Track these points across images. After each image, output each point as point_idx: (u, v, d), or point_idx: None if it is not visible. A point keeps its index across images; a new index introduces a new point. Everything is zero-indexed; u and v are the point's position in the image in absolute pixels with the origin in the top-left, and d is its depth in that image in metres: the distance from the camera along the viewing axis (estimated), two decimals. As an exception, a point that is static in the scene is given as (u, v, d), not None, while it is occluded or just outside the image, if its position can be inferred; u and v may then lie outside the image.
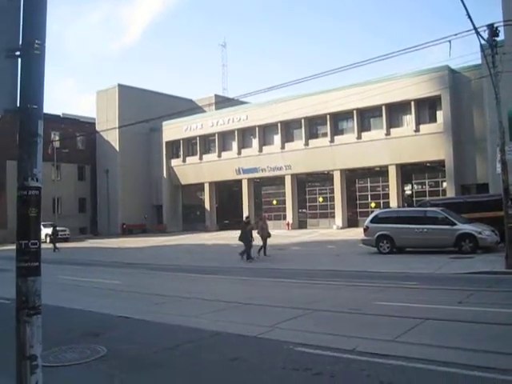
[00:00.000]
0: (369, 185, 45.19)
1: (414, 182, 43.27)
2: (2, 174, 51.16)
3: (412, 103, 39.95)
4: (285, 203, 49.08)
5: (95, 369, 6.88)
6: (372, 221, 24.19)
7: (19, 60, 3.32)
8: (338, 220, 44.81)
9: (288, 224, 47.55)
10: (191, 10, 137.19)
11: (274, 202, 51.05)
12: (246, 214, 41.13)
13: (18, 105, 3.32)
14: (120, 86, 59.23)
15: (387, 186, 42.90)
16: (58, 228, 47.11)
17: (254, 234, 24.10)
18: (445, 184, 39.80)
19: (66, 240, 47.22)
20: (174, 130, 55.44)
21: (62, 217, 54.25)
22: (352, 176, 45.69)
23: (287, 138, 48.48)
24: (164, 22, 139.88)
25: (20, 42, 3.32)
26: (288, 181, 48.41)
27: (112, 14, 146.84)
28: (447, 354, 6.86)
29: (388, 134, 41.63)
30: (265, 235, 24.33)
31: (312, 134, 47.00)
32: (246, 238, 23.06)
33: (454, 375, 6.08)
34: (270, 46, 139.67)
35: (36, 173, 3.25)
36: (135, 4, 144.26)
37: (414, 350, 7.15)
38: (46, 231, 42.37)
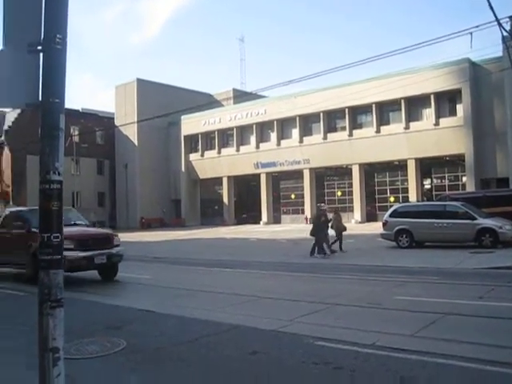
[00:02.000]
0: (388, 179, 44.98)
1: (433, 176, 42.99)
2: (22, 168, 51.71)
3: (432, 96, 39.63)
4: (303, 197, 49.04)
5: (115, 361, 6.92)
6: (391, 215, 24.07)
7: (41, 54, 3.34)
8: (357, 214, 44.66)
9: (306, 218, 47.45)
10: (210, 3, 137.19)
11: (293, 196, 51.03)
12: (321, 205, 37.30)
13: (40, 99, 3.34)
14: (139, 80, 59.53)
15: (406, 181, 42.67)
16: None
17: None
18: (464, 178, 39.48)
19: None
20: (192, 124, 55.59)
21: (80, 211, 54.28)
22: (371, 170, 45.51)
23: (305, 131, 48.38)
24: (183, 16, 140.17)
25: (42, 37, 3.33)
26: (306, 175, 48.33)
27: (131, 7, 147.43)
28: (467, 349, 6.80)
29: (407, 127, 41.37)
30: (340, 229, 23.29)
31: (330, 128, 46.87)
32: (319, 232, 21.55)
33: (474, 370, 6.02)
34: (289, 41, 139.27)
35: (58, 167, 3.28)
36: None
37: (434, 344, 7.10)
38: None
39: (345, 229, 23.54)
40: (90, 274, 15.67)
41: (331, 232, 22.80)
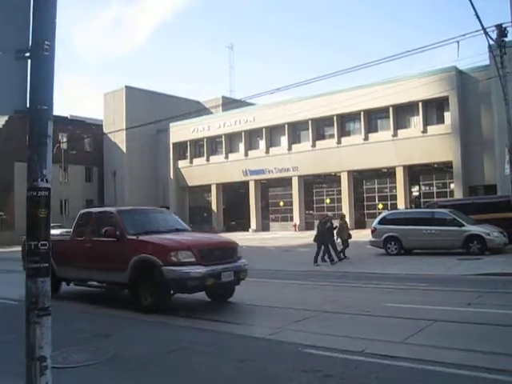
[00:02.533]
0: (376, 186, 45.15)
1: (421, 183, 43.22)
2: (10, 175, 51.42)
3: (419, 104, 39.90)
4: (292, 205, 49.10)
5: (104, 370, 6.87)
6: (380, 222, 24.15)
7: (29, 61, 3.32)
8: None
9: (295, 225, 47.53)
10: (199, 11, 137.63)
11: (281, 204, 51.07)
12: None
13: (28, 106, 3.32)
14: (127, 87, 59.49)
15: (394, 188, 42.84)
16: (65, 229, 47.66)
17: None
18: (452, 185, 39.71)
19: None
20: (181, 131, 55.56)
21: (69, 218, 54.37)
22: (359, 177, 45.67)
23: (294, 139, 48.51)
24: (172, 23, 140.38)
25: (30, 43, 3.31)
26: (295, 182, 48.41)
27: (120, 15, 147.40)
28: (457, 356, 6.81)
29: (395, 135, 41.58)
30: (344, 236, 22.42)
31: (319, 136, 47.03)
32: (321, 239, 20.85)
33: (463, 377, 6.03)
34: (278, 48, 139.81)
35: (46, 174, 3.25)
36: (143, 6, 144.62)
37: (424, 351, 7.10)
38: (53, 233, 42.51)
39: (350, 236, 22.81)
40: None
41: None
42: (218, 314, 10.78)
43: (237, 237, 41.34)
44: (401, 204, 40.66)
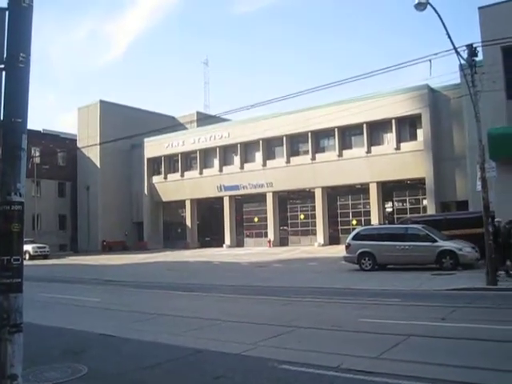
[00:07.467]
0: (350, 202, 45.33)
1: (394, 199, 43.51)
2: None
3: (393, 121, 40.29)
4: (266, 220, 49.02)
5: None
6: (354, 238, 24.25)
7: (3, 73, 3.27)
8: (320, 237, 44.82)
9: (269, 241, 47.46)
10: (174, 28, 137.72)
11: (256, 220, 50.97)
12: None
13: (2, 118, 3.26)
14: (102, 102, 59.07)
15: (368, 204, 43.07)
16: (37, 245, 47.11)
17: None
18: (425, 201, 40.08)
19: (45, 257, 46.77)
20: (155, 146, 55.30)
21: (41, 233, 53.73)
22: (333, 193, 45.81)
23: (269, 155, 48.58)
24: (147, 39, 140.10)
25: (5, 55, 3.27)
26: (269, 198, 48.39)
27: (95, 30, 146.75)
28: (432, 371, 6.84)
29: (369, 151, 41.90)
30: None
31: (293, 152, 47.15)
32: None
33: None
34: (252, 64, 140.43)
35: (19, 187, 3.20)
36: (119, 21, 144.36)
37: (399, 366, 7.12)
38: (25, 248, 41.98)
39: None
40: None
41: None
42: (191, 329, 10.69)
43: (211, 252, 41.37)
44: (374, 220, 40.86)
